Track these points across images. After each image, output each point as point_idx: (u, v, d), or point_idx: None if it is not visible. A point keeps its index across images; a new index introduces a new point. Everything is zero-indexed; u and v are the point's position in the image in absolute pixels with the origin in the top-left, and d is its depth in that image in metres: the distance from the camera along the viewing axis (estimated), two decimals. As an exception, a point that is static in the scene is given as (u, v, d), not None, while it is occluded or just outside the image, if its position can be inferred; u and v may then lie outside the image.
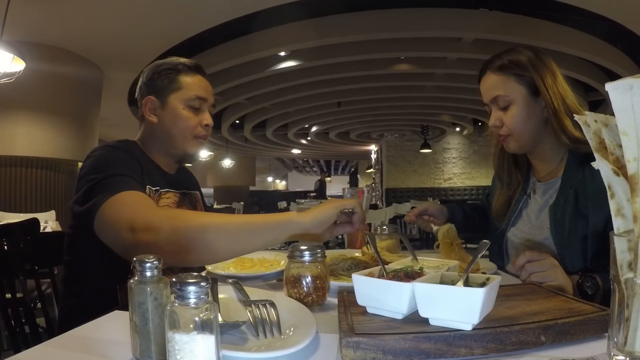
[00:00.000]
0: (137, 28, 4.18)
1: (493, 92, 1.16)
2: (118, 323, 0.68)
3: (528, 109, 1.13)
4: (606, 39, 5.00)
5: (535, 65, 1.14)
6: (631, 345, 0.49)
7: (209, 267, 1.07)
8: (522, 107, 1.13)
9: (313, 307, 0.77)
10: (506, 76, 1.14)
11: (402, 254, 1.06)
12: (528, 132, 1.15)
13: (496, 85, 1.15)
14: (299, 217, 0.88)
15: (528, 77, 1.13)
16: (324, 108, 8.19)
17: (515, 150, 1.20)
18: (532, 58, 1.15)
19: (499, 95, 1.15)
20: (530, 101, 1.13)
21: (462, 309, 0.55)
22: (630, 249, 0.48)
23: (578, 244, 1.06)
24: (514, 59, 1.15)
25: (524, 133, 1.15)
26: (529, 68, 1.13)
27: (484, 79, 1.19)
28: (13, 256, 1.23)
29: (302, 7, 4.16)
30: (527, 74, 1.13)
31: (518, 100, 1.13)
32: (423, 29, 4.81)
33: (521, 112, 1.13)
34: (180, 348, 0.44)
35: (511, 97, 1.14)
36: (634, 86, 0.47)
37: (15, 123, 4.37)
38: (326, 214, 0.89)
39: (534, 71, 1.13)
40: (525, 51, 1.18)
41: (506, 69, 1.14)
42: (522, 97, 1.13)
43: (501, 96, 1.14)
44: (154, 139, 1.21)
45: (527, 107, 1.13)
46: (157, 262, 0.54)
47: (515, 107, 1.14)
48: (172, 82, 1.18)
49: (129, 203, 0.92)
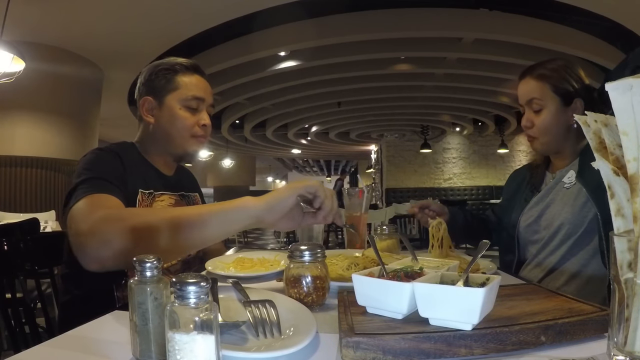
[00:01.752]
0: (137, 28, 4.18)
1: (530, 95, 1.28)
2: (118, 323, 0.68)
3: (558, 116, 1.25)
4: (606, 39, 5.01)
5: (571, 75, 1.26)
6: (631, 345, 0.49)
7: (209, 267, 1.07)
8: (553, 114, 1.25)
9: (313, 307, 0.77)
10: (543, 84, 1.26)
11: (402, 254, 1.06)
12: (553, 136, 1.27)
13: (533, 89, 1.27)
14: (252, 201, 0.82)
15: (563, 89, 1.24)
16: (324, 108, 8.19)
17: (540, 151, 1.33)
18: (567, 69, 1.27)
19: (534, 99, 1.26)
20: (560, 110, 1.25)
21: (462, 309, 0.55)
22: (630, 249, 0.48)
23: None
24: (548, 67, 1.27)
25: (549, 136, 1.27)
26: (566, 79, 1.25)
27: (524, 81, 1.30)
28: (13, 256, 1.22)
29: (302, 7, 4.16)
30: (563, 85, 1.24)
31: (550, 107, 1.25)
32: (423, 29, 4.81)
33: (551, 118, 1.25)
34: (180, 348, 0.44)
35: (544, 102, 1.25)
36: (634, 86, 0.47)
37: (15, 123, 4.37)
38: (279, 200, 0.81)
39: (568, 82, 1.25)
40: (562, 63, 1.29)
41: (546, 78, 1.26)
42: (554, 104, 1.24)
43: (536, 99, 1.26)
44: (152, 140, 1.21)
45: (557, 114, 1.25)
46: (157, 262, 0.54)
47: (546, 112, 1.25)
48: (169, 82, 1.18)
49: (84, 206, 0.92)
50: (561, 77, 1.25)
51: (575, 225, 1.20)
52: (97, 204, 0.93)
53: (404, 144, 11.19)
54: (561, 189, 1.28)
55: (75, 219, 0.91)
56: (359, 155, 16.72)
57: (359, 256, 1.07)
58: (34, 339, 1.18)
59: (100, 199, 0.94)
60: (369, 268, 0.74)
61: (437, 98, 7.60)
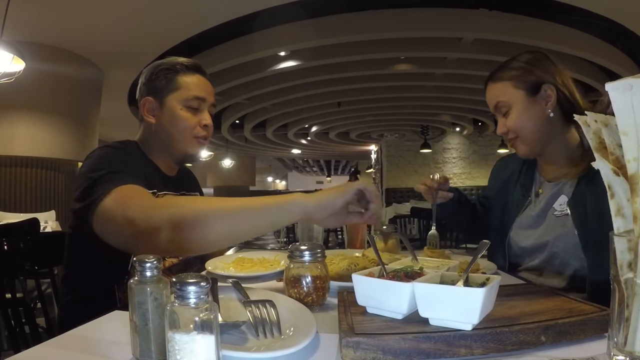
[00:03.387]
0: (137, 28, 4.18)
1: (494, 100, 1.21)
2: (118, 323, 0.68)
3: (528, 110, 1.16)
4: (606, 39, 5.00)
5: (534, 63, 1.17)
6: (631, 345, 0.49)
7: (209, 267, 1.07)
8: (521, 109, 1.16)
9: (313, 307, 0.77)
10: (502, 83, 1.19)
11: (402, 254, 1.06)
12: (533, 133, 1.17)
13: (495, 93, 1.21)
14: (303, 198, 0.83)
15: (525, 81, 1.16)
16: (324, 108, 8.19)
17: (526, 153, 1.22)
18: (529, 60, 1.18)
19: (499, 102, 1.20)
20: (528, 102, 1.16)
21: (462, 309, 0.55)
22: (630, 249, 0.48)
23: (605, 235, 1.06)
24: (507, 65, 1.20)
25: (528, 134, 1.18)
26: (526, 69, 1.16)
27: (487, 90, 1.24)
28: (13, 256, 1.22)
29: (302, 7, 4.16)
30: (524, 77, 1.16)
31: (517, 104, 1.17)
32: (423, 29, 4.81)
33: (521, 114, 1.16)
34: (180, 348, 0.44)
35: (509, 102, 1.17)
36: (634, 86, 0.47)
37: (15, 123, 4.37)
38: (330, 199, 0.83)
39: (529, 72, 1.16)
40: (522, 56, 1.21)
41: (504, 77, 1.19)
42: (520, 99, 1.16)
43: (500, 102, 1.19)
44: (153, 140, 1.20)
45: (527, 108, 1.16)
46: (157, 262, 0.54)
47: (514, 110, 1.17)
48: (170, 83, 1.17)
49: (126, 196, 0.91)
50: (520, 69, 1.17)
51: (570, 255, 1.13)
52: (133, 193, 0.92)
53: (404, 144, 11.19)
54: (552, 215, 1.18)
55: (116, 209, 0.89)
56: (359, 155, 16.72)
57: (359, 256, 1.07)
58: (34, 339, 1.18)
59: (132, 189, 0.93)
60: (369, 268, 0.74)
61: (437, 98, 7.60)
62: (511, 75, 1.18)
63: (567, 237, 1.12)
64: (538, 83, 1.15)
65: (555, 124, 1.16)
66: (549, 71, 1.16)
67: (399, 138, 11.22)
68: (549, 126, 1.16)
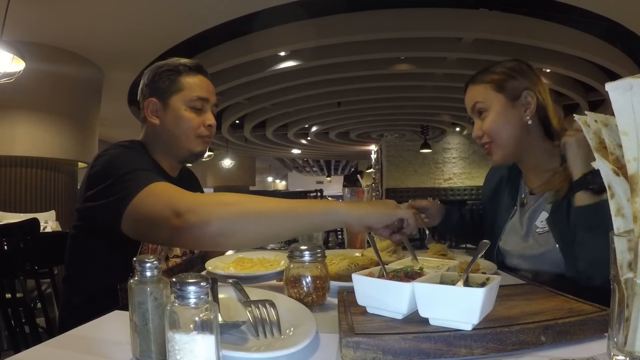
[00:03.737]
0: (137, 28, 4.18)
1: (472, 101, 1.19)
2: (118, 323, 0.68)
3: (506, 115, 1.14)
4: (606, 39, 5.00)
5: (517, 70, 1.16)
6: (631, 345, 0.49)
7: (209, 267, 1.07)
8: (499, 113, 1.14)
9: (313, 307, 0.77)
10: (483, 85, 1.17)
11: (402, 254, 1.06)
12: (508, 138, 1.15)
13: (474, 94, 1.19)
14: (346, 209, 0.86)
15: (506, 85, 1.14)
16: (324, 108, 8.19)
17: (499, 160, 1.19)
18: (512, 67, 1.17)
19: (476, 103, 1.18)
20: (507, 106, 1.14)
21: (462, 309, 0.55)
22: (630, 249, 0.48)
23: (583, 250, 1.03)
24: (490, 69, 1.19)
25: (504, 139, 1.15)
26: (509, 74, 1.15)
27: (466, 92, 1.22)
28: (13, 256, 1.22)
29: (302, 7, 4.16)
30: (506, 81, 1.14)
31: (495, 106, 1.15)
32: (423, 29, 4.81)
33: (498, 117, 1.14)
34: (180, 348, 0.44)
35: (487, 104, 1.15)
36: (634, 86, 0.47)
37: (15, 123, 4.37)
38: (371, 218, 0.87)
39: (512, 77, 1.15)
40: (506, 62, 1.19)
41: (486, 80, 1.17)
42: (499, 103, 1.14)
43: (478, 103, 1.17)
44: (157, 141, 1.21)
45: (505, 112, 1.14)
46: (157, 262, 0.54)
47: (492, 113, 1.15)
48: (173, 84, 1.17)
49: (164, 192, 0.91)
50: (503, 74, 1.15)
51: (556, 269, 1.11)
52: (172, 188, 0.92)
53: (404, 144, 11.19)
54: (535, 232, 1.17)
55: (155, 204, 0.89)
56: (359, 155, 16.71)
57: (359, 256, 1.07)
58: (34, 339, 1.18)
59: (169, 186, 0.93)
60: (369, 268, 0.74)
61: (437, 98, 7.59)
62: (493, 79, 1.16)
63: (551, 254, 1.11)
64: (519, 89, 1.13)
65: (533, 132, 1.14)
66: (531, 80, 1.15)
67: (399, 138, 11.21)
68: (526, 134, 1.14)
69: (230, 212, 0.85)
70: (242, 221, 0.85)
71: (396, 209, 0.90)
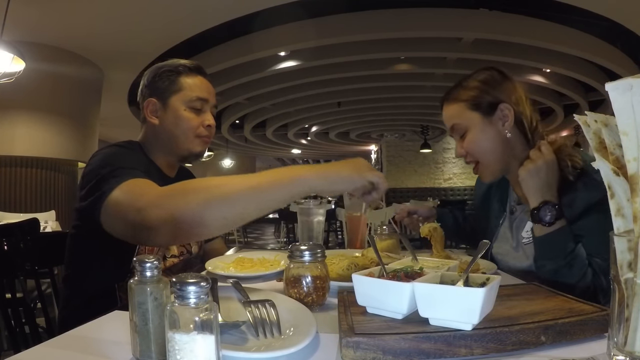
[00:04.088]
0: (137, 28, 4.18)
1: (449, 122, 1.17)
2: (118, 323, 0.68)
3: (485, 132, 1.12)
4: (606, 39, 5.00)
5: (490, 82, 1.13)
6: (631, 345, 0.49)
7: (209, 267, 1.07)
8: (477, 131, 1.12)
9: (313, 307, 0.77)
10: (457, 104, 1.15)
11: (402, 254, 1.06)
12: (492, 155, 1.14)
13: (450, 115, 1.17)
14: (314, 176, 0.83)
15: (479, 101, 1.12)
16: (324, 108, 8.19)
17: (489, 178, 1.18)
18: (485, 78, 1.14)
19: (454, 124, 1.16)
20: (485, 123, 1.12)
21: (462, 309, 0.55)
22: (630, 249, 0.48)
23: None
24: (463, 85, 1.16)
25: (488, 157, 1.14)
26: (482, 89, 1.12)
27: (443, 111, 1.20)
28: (13, 256, 1.22)
29: (302, 7, 4.16)
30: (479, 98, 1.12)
31: (472, 126, 1.13)
32: (423, 29, 4.81)
33: (477, 136, 1.13)
34: (180, 348, 0.44)
35: (465, 124, 1.14)
36: (634, 86, 0.47)
37: (15, 123, 4.37)
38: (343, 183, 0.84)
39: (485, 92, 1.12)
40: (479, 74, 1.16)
41: (459, 98, 1.15)
42: (476, 121, 1.12)
43: (456, 124, 1.15)
44: (156, 141, 1.21)
45: (483, 129, 1.12)
46: (157, 262, 0.54)
47: (470, 132, 1.13)
48: (173, 84, 1.18)
49: (136, 188, 0.90)
50: (476, 89, 1.13)
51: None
52: (144, 184, 0.91)
53: (404, 144, 11.19)
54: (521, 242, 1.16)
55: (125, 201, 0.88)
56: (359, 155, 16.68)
57: (359, 256, 1.07)
58: (34, 339, 1.18)
59: (142, 182, 0.92)
60: (369, 268, 0.74)
61: (437, 98, 7.48)
62: (467, 96, 1.13)
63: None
64: (494, 103, 1.11)
65: (515, 143, 1.12)
66: (505, 90, 1.12)
67: (399, 138, 11.21)
68: (508, 147, 1.12)
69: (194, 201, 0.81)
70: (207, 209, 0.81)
71: (366, 171, 0.87)
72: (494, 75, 1.14)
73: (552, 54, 5.21)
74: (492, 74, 1.14)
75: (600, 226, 0.93)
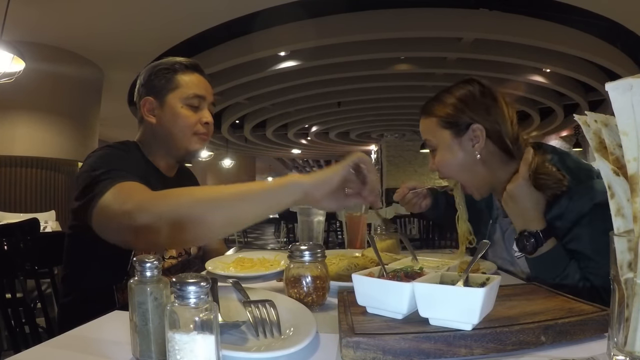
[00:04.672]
0: (137, 28, 4.18)
1: (424, 136, 1.15)
2: (118, 323, 0.68)
3: (452, 152, 1.09)
4: (606, 39, 5.00)
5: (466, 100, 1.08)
6: (631, 345, 0.49)
7: (209, 267, 1.07)
8: (445, 151, 1.10)
9: (313, 307, 0.77)
10: (431, 120, 1.11)
11: (402, 254, 1.06)
12: (465, 174, 1.11)
13: (424, 129, 1.14)
14: (298, 178, 0.82)
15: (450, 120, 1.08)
16: (324, 108, 8.19)
17: (477, 196, 1.15)
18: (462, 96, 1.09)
19: (426, 140, 1.13)
20: (453, 144, 1.08)
21: (462, 309, 0.55)
22: (630, 249, 0.48)
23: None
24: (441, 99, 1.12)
25: (460, 176, 1.12)
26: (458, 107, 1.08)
27: (420, 122, 1.16)
28: (13, 256, 1.22)
29: (302, 7, 4.16)
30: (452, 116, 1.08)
31: (442, 144, 1.10)
32: (423, 29, 4.81)
33: (445, 155, 1.10)
34: (180, 348, 0.44)
35: (435, 142, 1.11)
36: (634, 86, 0.47)
37: (15, 123, 4.37)
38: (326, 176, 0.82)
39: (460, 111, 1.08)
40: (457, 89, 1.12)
41: (433, 112, 1.11)
42: (445, 140, 1.09)
43: (427, 140, 1.13)
44: (154, 140, 1.21)
45: (451, 150, 1.09)
46: (157, 262, 0.54)
47: (439, 151, 1.11)
48: (170, 82, 1.18)
49: (125, 191, 0.90)
50: (452, 106, 1.08)
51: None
52: (133, 187, 0.91)
53: (404, 144, 11.18)
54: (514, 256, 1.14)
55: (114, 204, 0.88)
56: (359, 155, 16.68)
57: (359, 256, 1.07)
58: (34, 339, 1.18)
59: (132, 185, 0.92)
60: (369, 268, 0.74)
61: (437, 98, 7.59)
62: (442, 113, 1.09)
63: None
64: (466, 123, 1.06)
65: (491, 162, 1.08)
66: (483, 108, 1.07)
67: (399, 138, 11.20)
68: (483, 167, 1.08)
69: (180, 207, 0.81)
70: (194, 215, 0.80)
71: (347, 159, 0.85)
72: (473, 91, 1.09)
73: (552, 54, 5.21)
74: (471, 90, 1.09)
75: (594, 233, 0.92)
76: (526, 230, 0.99)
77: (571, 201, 0.96)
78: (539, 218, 0.99)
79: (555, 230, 0.99)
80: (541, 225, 0.98)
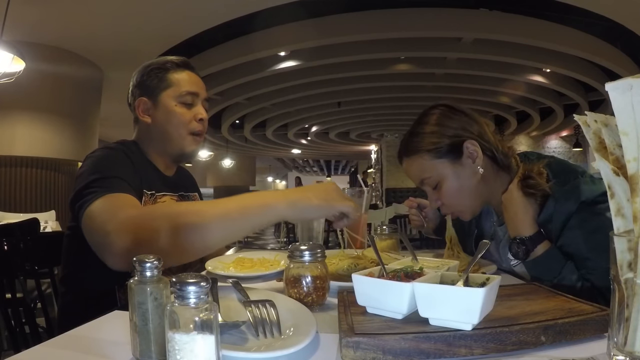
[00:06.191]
0: (137, 28, 4.18)
1: (418, 177, 1.09)
2: (118, 323, 0.68)
3: (459, 177, 1.05)
4: (606, 39, 5.01)
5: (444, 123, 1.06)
6: (631, 345, 0.49)
7: (209, 267, 1.07)
8: (452, 180, 1.05)
9: (313, 307, 0.77)
10: (420, 156, 1.06)
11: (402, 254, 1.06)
12: (469, 198, 1.08)
13: (416, 169, 1.09)
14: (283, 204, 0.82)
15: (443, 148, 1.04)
16: (324, 108, 8.19)
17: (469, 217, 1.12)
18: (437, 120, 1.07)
19: (425, 178, 1.08)
20: (457, 167, 1.05)
21: (462, 309, 0.55)
22: (630, 249, 0.48)
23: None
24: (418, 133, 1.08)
25: (465, 201, 1.08)
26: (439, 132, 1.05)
27: (404, 167, 1.12)
28: (13, 256, 1.23)
29: (302, 7, 4.16)
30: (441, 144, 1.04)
31: (445, 176, 1.05)
32: (423, 29, 4.81)
33: (453, 184, 1.05)
34: (180, 348, 0.44)
35: (436, 176, 1.06)
36: (634, 86, 0.47)
37: (15, 123, 4.37)
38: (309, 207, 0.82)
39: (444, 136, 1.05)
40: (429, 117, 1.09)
41: (419, 150, 1.06)
42: (447, 170, 1.05)
43: (426, 179, 1.08)
44: (150, 140, 1.21)
45: (457, 176, 1.05)
46: (157, 262, 0.54)
47: (445, 183, 1.06)
48: (162, 81, 1.18)
49: (111, 205, 0.89)
50: (433, 134, 1.05)
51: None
52: (120, 203, 0.91)
53: (404, 144, 11.17)
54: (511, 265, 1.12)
55: (98, 218, 0.88)
56: (359, 155, 16.71)
57: (359, 256, 1.07)
58: (34, 339, 1.18)
59: (119, 199, 0.92)
60: (369, 268, 0.74)
61: (437, 98, 7.56)
62: (428, 144, 1.05)
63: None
64: (457, 143, 1.03)
65: (486, 175, 1.06)
66: (461, 127, 1.05)
67: (399, 138, 11.17)
68: (482, 183, 1.06)
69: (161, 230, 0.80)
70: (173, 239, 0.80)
71: (337, 201, 0.85)
72: (444, 112, 1.07)
73: (552, 54, 5.21)
74: (442, 112, 1.07)
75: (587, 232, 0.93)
76: (517, 237, 1.00)
77: (557, 203, 0.97)
78: (529, 223, 0.99)
79: (547, 233, 1.00)
80: (532, 231, 0.99)
